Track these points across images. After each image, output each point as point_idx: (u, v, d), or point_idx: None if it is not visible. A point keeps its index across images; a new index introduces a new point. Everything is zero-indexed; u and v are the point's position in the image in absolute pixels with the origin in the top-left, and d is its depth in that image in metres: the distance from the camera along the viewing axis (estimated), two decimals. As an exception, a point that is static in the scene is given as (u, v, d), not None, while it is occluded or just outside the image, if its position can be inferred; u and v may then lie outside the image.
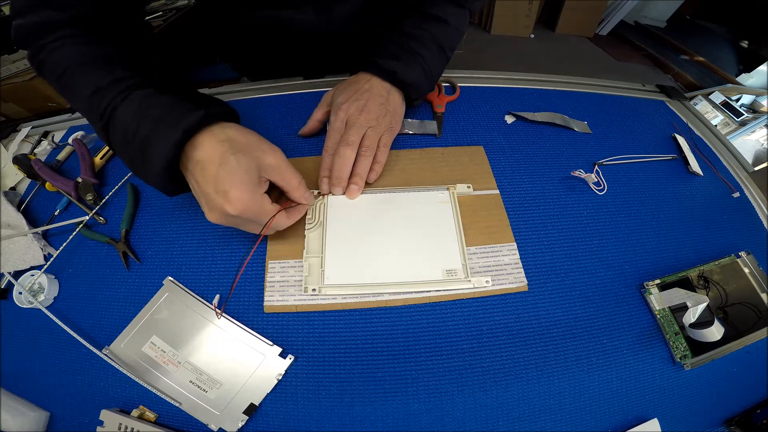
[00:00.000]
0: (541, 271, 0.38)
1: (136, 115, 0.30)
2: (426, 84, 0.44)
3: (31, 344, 0.35)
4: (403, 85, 0.43)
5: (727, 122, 1.25)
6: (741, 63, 2.19)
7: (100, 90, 0.31)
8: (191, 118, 0.29)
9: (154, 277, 0.37)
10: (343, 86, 0.44)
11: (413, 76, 0.42)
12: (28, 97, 1.17)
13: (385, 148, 0.42)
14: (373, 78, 0.43)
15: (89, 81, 0.32)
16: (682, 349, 0.34)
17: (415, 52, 0.43)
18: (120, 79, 0.32)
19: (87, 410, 0.32)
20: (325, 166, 0.41)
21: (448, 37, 0.45)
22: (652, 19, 2.58)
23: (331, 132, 0.41)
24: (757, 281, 0.37)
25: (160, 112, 0.29)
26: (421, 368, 0.33)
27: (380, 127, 0.41)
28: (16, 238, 0.39)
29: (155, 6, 1.33)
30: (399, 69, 0.42)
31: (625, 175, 0.46)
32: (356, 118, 0.40)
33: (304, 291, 0.35)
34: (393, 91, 0.43)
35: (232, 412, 0.31)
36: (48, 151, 0.49)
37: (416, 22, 0.44)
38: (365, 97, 0.41)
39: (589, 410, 0.32)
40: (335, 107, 0.42)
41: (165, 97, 0.31)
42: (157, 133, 0.29)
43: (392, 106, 0.43)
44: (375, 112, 0.41)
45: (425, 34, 0.44)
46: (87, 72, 0.33)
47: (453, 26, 0.45)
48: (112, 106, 0.31)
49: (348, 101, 0.41)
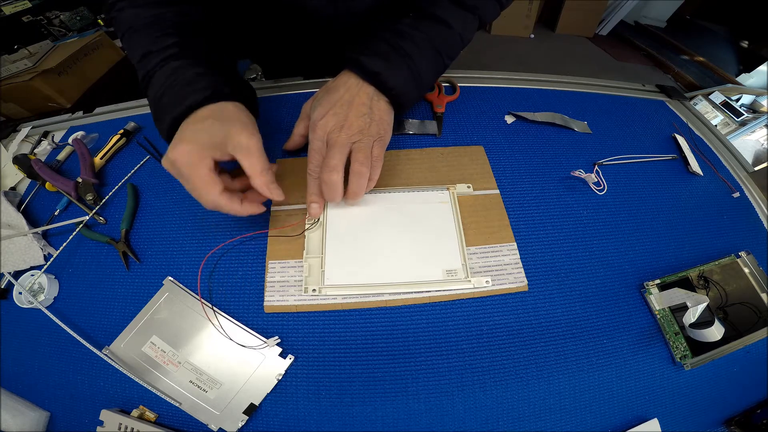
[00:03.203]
0: (541, 271, 0.38)
1: (164, 84, 0.35)
2: (413, 92, 0.40)
3: (31, 344, 0.35)
4: (386, 89, 0.38)
5: (727, 122, 1.25)
6: (741, 63, 2.19)
7: (147, 55, 0.36)
8: (197, 95, 0.33)
9: (154, 277, 0.37)
10: (320, 95, 0.39)
11: (398, 80, 0.38)
12: (28, 97, 1.17)
13: (378, 161, 0.37)
14: (353, 80, 0.38)
15: (140, 46, 0.36)
16: (682, 349, 0.34)
17: (404, 53, 0.38)
18: (162, 48, 0.36)
19: (87, 410, 0.32)
20: (312, 191, 0.37)
21: (446, 42, 0.40)
22: (652, 19, 2.58)
23: (312, 153, 0.37)
24: (757, 281, 0.37)
25: (180, 86, 0.34)
26: (420, 368, 0.33)
27: (367, 139, 0.36)
28: (16, 238, 0.39)
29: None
30: (383, 70, 0.37)
31: (625, 175, 0.46)
32: (337, 136, 0.35)
33: (304, 291, 0.35)
34: (376, 98, 0.38)
35: (232, 412, 0.31)
36: (48, 151, 0.49)
37: (413, 20, 0.40)
38: (344, 111, 0.36)
39: (589, 410, 0.32)
40: (312, 124, 0.37)
41: (190, 71, 0.35)
42: (171, 104, 0.34)
43: (377, 114, 0.38)
44: (357, 126, 0.36)
45: (420, 34, 0.39)
46: (139, 37, 0.37)
47: (455, 31, 0.40)
48: (151, 73, 0.36)
49: (326, 116, 0.36)
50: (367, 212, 0.40)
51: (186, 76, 0.34)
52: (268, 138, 0.46)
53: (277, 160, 0.44)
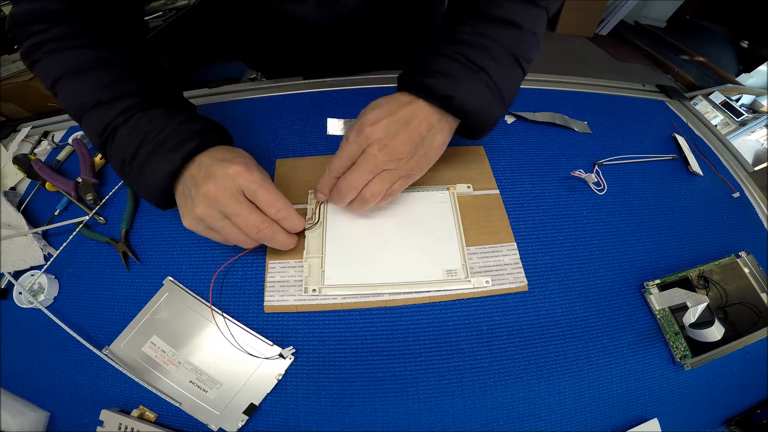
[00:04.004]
0: (541, 271, 0.38)
1: (136, 140, 0.31)
2: (495, 109, 0.34)
3: (31, 344, 0.35)
4: (464, 113, 0.33)
5: (727, 122, 1.25)
6: (741, 63, 2.19)
7: (101, 104, 0.31)
8: (188, 146, 0.31)
9: (154, 277, 0.37)
10: (381, 101, 0.34)
11: (476, 101, 0.32)
12: (28, 97, 1.17)
13: (391, 196, 0.35)
14: (419, 102, 0.33)
15: (89, 94, 0.32)
16: (682, 349, 0.34)
17: (477, 67, 0.32)
18: (122, 95, 0.32)
19: (87, 410, 0.32)
20: (326, 185, 0.36)
21: (521, 45, 0.34)
22: (652, 19, 2.58)
23: (342, 154, 0.34)
24: (757, 281, 0.37)
25: (159, 140, 0.31)
26: (420, 368, 0.33)
27: (397, 172, 0.33)
28: (16, 238, 0.39)
29: (155, 6, 1.33)
30: (456, 92, 0.31)
31: (625, 175, 0.46)
32: (375, 153, 0.32)
33: (304, 291, 0.35)
34: (440, 125, 0.34)
35: (232, 412, 0.31)
36: (48, 151, 0.49)
37: (475, 27, 0.33)
38: (397, 128, 0.32)
39: (589, 410, 0.32)
40: (361, 125, 0.33)
41: (168, 123, 0.31)
42: (157, 162, 0.31)
43: (426, 149, 0.34)
44: (399, 153, 0.32)
45: (490, 42, 0.32)
46: (86, 83, 0.32)
47: (527, 30, 0.34)
48: (113, 126, 0.31)
49: (377, 124, 0.32)
50: (368, 212, 0.40)
51: (163, 128, 0.31)
52: (269, 138, 0.47)
53: (277, 160, 0.44)
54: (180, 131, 0.31)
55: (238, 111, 0.50)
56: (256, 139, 0.46)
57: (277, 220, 0.33)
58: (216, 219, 0.31)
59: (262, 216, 0.32)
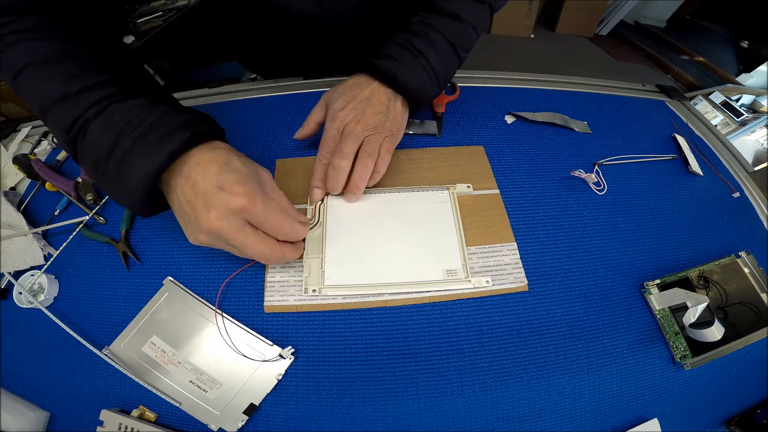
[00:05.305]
0: (541, 271, 0.38)
1: (112, 134, 0.26)
2: (430, 90, 0.41)
3: (31, 344, 0.35)
4: (405, 91, 0.40)
5: (727, 122, 1.25)
6: (741, 63, 2.19)
7: (68, 98, 0.27)
8: (176, 139, 0.26)
9: (154, 277, 0.37)
10: (341, 88, 0.40)
11: (415, 81, 0.39)
12: (28, 97, 1.16)
13: (387, 154, 0.39)
14: (373, 83, 0.40)
15: (55, 85, 0.28)
16: (682, 349, 0.34)
17: (418, 53, 0.39)
18: (92, 86, 0.27)
19: (87, 410, 0.32)
20: (318, 176, 0.39)
21: (459, 36, 0.41)
22: (652, 19, 2.58)
23: (326, 140, 0.38)
24: (757, 281, 0.37)
25: (141, 132, 0.26)
26: (421, 368, 0.33)
27: (380, 134, 0.38)
28: (16, 238, 0.39)
29: (155, 6, 1.33)
30: (399, 73, 0.38)
31: (625, 175, 0.46)
32: (353, 127, 0.37)
33: (304, 292, 0.35)
34: (395, 99, 0.40)
35: (232, 412, 0.31)
36: (48, 151, 0.49)
37: (424, 18, 0.40)
38: (363, 106, 0.38)
39: (589, 410, 0.32)
40: (332, 114, 0.39)
41: (150, 114, 0.27)
42: (138, 157, 0.26)
43: (392, 114, 0.40)
44: (372, 122, 0.38)
45: (432, 32, 0.39)
46: (52, 74, 0.28)
47: (467, 23, 0.41)
48: (84, 119, 0.27)
49: (345, 108, 0.38)
50: (367, 212, 0.40)
51: (146, 119, 0.27)
52: (269, 138, 0.47)
53: (277, 160, 0.44)
54: (165, 122, 0.27)
55: (238, 111, 0.50)
56: (256, 139, 0.46)
57: (284, 240, 0.32)
58: (222, 246, 0.30)
59: (271, 245, 0.30)
